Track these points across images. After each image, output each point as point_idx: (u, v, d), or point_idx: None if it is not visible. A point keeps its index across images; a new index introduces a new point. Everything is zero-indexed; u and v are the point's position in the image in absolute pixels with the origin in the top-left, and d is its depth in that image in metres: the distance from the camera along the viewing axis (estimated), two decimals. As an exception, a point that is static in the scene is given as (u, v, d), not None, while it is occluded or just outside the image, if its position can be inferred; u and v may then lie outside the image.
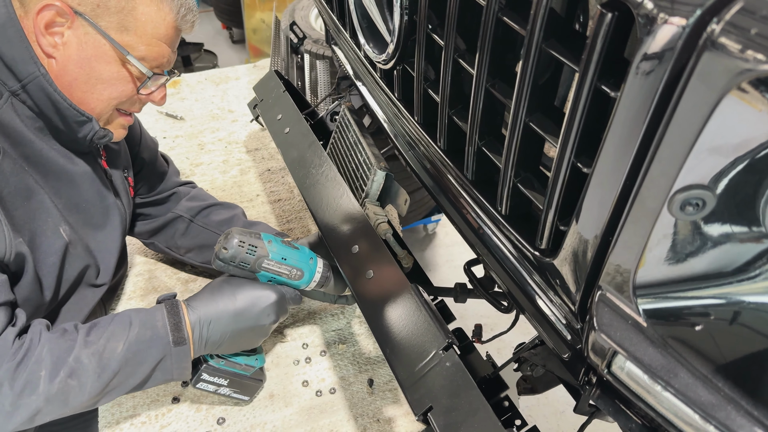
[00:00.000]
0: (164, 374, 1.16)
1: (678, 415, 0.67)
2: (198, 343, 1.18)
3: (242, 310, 1.21)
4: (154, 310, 1.17)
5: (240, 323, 1.21)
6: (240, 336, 1.23)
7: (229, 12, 5.50)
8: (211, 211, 1.60)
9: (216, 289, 1.23)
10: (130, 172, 1.46)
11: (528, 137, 0.83)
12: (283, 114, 1.66)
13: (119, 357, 1.09)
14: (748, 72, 0.47)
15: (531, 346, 1.11)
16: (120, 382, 1.11)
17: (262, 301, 1.23)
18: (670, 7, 0.53)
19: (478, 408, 0.93)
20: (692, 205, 0.57)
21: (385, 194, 1.42)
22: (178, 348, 1.15)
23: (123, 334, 1.11)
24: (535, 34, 0.73)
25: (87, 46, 1.08)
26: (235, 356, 1.31)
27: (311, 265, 1.31)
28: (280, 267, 1.26)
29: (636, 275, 0.67)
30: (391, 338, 1.07)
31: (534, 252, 0.88)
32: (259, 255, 1.22)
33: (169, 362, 1.15)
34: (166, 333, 1.14)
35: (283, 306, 1.27)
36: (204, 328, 1.18)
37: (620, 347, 0.70)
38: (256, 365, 1.34)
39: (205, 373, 1.26)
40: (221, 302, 1.20)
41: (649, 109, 0.58)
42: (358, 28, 1.33)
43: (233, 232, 1.22)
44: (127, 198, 1.41)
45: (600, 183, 0.68)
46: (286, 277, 1.27)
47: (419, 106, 1.15)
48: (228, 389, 1.31)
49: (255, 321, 1.23)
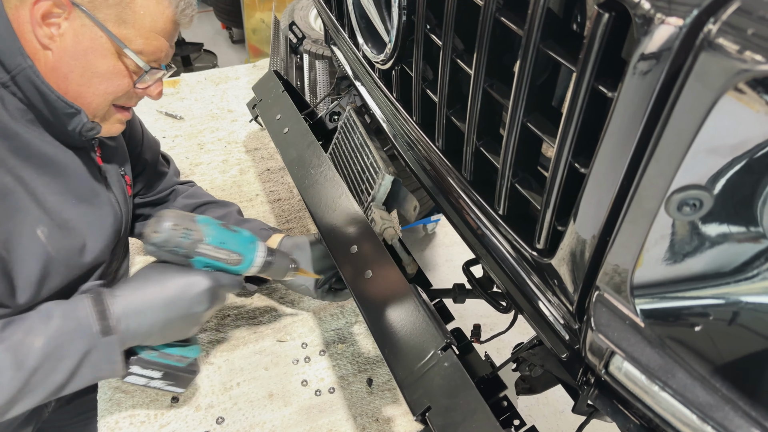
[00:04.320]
0: (92, 370, 1.08)
1: (675, 415, 0.67)
2: (126, 334, 1.10)
3: (172, 298, 1.13)
4: (76, 300, 1.09)
5: (170, 312, 1.14)
6: (171, 325, 1.16)
7: (229, 12, 5.51)
8: (206, 208, 1.58)
9: (144, 277, 1.16)
10: (127, 170, 1.42)
11: (526, 137, 0.83)
12: (282, 114, 1.66)
13: (38, 352, 1.01)
14: (745, 72, 0.47)
15: (529, 346, 1.11)
16: (41, 380, 1.03)
17: (193, 288, 1.15)
18: (666, 7, 0.53)
19: (476, 408, 0.93)
20: (689, 206, 0.57)
21: (392, 199, 1.42)
22: (106, 339, 1.06)
23: (42, 327, 1.03)
24: (532, 35, 0.73)
25: (83, 38, 1.07)
26: (167, 347, 1.23)
27: (251, 249, 1.24)
28: (218, 252, 1.18)
29: (633, 275, 0.66)
30: (389, 338, 1.07)
31: (532, 252, 0.88)
32: (194, 239, 1.15)
33: (96, 355, 1.07)
34: (90, 323, 1.06)
35: (217, 293, 1.20)
36: (131, 318, 1.10)
37: (617, 347, 0.70)
38: (190, 356, 1.27)
39: (135, 366, 1.18)
40: (150, 290, 1.13)
41: (646, 109, 0.58)
42: (357, 29, 1.33)
43: (166, 214, 1.14)
44: (123, 196, 1.36)
45: (597, 183, 0.68)
46: (224, 262, 1.20)
47: (417, 106, 1.15)
48: (161, 382, 1.24)
49: (187, 309, 1.15)
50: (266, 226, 1.57)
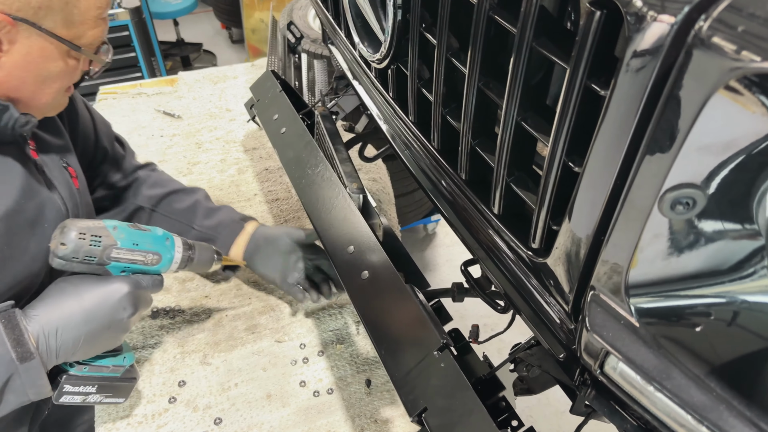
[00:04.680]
0: (17, 396, 1.02)
1: (671, 416, 0.66)
2: (47, 354, 1.03)
3: (92, 309, 1.07)
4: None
5: (92, 324, 1.07)
6: (96, 338, 1.09)
7: (228, 12, 5.51)
8: (172, 198, 1.55)
9: (58, 291, 1.08)
10: (71, 161, 1.31)
11: (520, 136, 0.82)
12: (279, 114, 1.65)
13: None
14: (737, 70, 0.46)
15: (527, 346, 1.11)
16: None
17: (113, 296, 1.09)
18: (658, 4, 0.53)
19: (472, 408, 0.92)
20: (683, 204, 0.57)
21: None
22: (26, 364, 1.00)
23: None
24: (525, 33, 0.72)
25: (32, 49, 1.02)
26: (98, 359, 1.17)
27: (168, 247, 1.20)
28: (133, 254, 1.13)
29: (628, 275, 0.66)
30: (386, 339, 1.07)
31: (527, 252, 0.87)
32: (105, 245, 1.09)
33: (18, 381, 1.00)
34: (6, 350, 0.98)
35: (140, 295, 1.15)
36: (51, 337, 1.03)
37: (612, 347, 0.70)
38: (125, 363, 1.22)
39: (67, 385, 1.11)
40: (66, 305, 1.06)
41: (639, 107, 0.57)
42: (353, 28, 1.33)
43: (69, 224, 1.07)
44: (68, 190, 1.24)
45: (591, 182, 0.68)
46: (141, 264, 1.15)
47: (413, 105, 1.15)
48: (98, 396, 1.18)
49: (110, 318, 1.09)
50: (237, 216, 1.56)
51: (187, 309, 1.60)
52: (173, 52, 5.38)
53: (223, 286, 1.67)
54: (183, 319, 1.57)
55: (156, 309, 1.59)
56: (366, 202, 1.31)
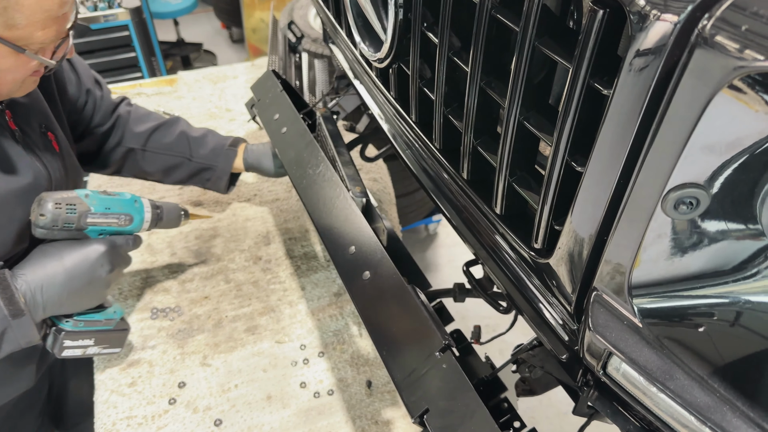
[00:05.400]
0: (12, 345, 1.16)
1: (674, 416, 0.66)
2: (35, 310, 1.16)
3: (72, 268, 1.20)
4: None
5: (74, 281, 1.20)
6: (78, 293, 1.22)
7: (229, 11, 5.51)
8: (158, 134, 1.65)
9: (42, 254, 1.21)
10: (50, 124, 1.36)
11: (522, 136, 0.82)
12: (280, 114, 1.65)
13: None
14: (740, 69, 0.46)
15: (529, 347, 1.10)
16: None
17: (91, 255, 1.22)
18: (661, 3, 0.52)
19: (474, 410, 0.92)
20: (686, 204, 0.56)
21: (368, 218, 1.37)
22: (17, 320, 1.13)
23: None
24: (528, 32, 0.72)
25: None
26: (90, 314, 1.30)
27: (138, 209, 1.32)
28: (107, 218, 1.25)
29: (631, 275, 0.66)
30: (387, 340, 1.06)
31: (530, 252, 0.87)
32: (80, 211, 1.21)
33: (12, 334, 1.14)
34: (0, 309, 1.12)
35: (117, 253, 1.27)
36: (37, 294, 1.16)
37: (615, 348, 0.69)
38: (116, 316, 1.35)
39: (66, 341, 1.25)
40: (49, 265, 1.18)
41: (642, 106, 0.57)
42: (354, 27, 1.32)
43: (44, 196, 1.19)
44: (49, 154, 1.31)
45: (594, 182, 0.68)
46: (116, 225, 1.27)
47: (415, 104, 1.14)
48: (96, 348, 1.31)
49: (89, 275, 1.22)
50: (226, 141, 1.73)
51: (186, 310, 1.60)
52: (173, 52, 5.37)
53: (223, 287, 1.66)
54: (183, 320, 1.57)
55: (155, 310, 1.59)
56: (369, 205, 1.31)
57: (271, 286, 1.68)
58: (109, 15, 3.66)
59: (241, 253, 1.78)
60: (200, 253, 1.77)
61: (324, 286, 1.70)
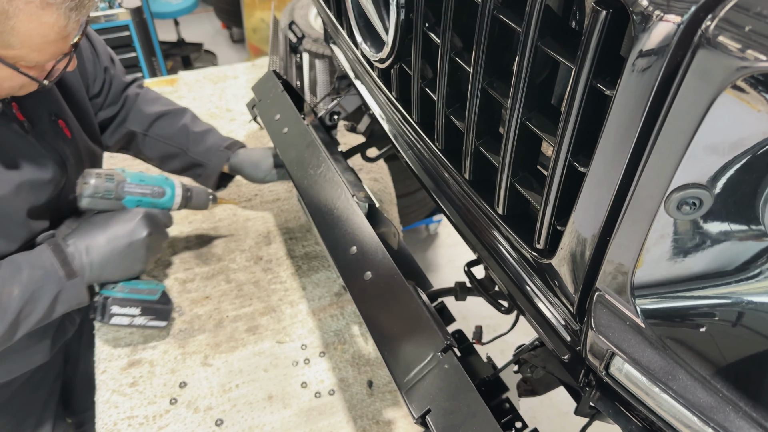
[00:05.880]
0: (64, 306, 1.29)
1: (677, 417, 0.66)
2: (85, 271, 1.30)
3: (114, 231, 1.34)
4: (39, 252, 1.27)
5: (116, 242, 1.34)
6: (120, 255, 1.34)
7: (229, 11, 5.50)
8: (162, 121, 1.71)
9: (87, 223, 1.36)
10: (61, 113, 1.40)
11: (525, 136, 0.82)
12: (281, 114, 1.65)
13: (17, 298, 1.20)
14: (743, 69, 0.46)
15: (531, 347, 1.10)
16: (24, 318, 1.22)
17: (129, 219, 1.37)
18: (665, 4, 0.52)
19: (476, 410, 0.92)
20: (689, 205, 0.56)
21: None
22: (71, 281, 1.27)
23: (16, 277, 1.21)
24: (530, 32, 0.72)
25: None
26: (133, 283, 1.41)
27: (170, 184, 1.50)
28: (142, 188, 1.44)
29: (634, 275, 0.66)
30: (389, 340, 1.06)
31: (532, 252, 0.87)
32: (117, 181, 1.39)
33: (66, 295, 1.27)
34: (56, 270, 1.25)
35: (153, 220, 1.41)
36: (83, 255, 1.29)
37: (618, 348, 0.69)
38: (158, 288, 1.47)
39: (113, 306, 1.36)
40: (94, 230, 1.34)
41: (645, 107, 0.57)
42: (355, 27, 1.32)
43: (87, 171, 1.38)
44: (62, 142, 1.38)
45: (596, 182, 0.68)
46: (150, 197, 1.45)
47: (416, 105, 1.14)
48: (142, 318, 1.41)
49: (129, 237, 1.35)
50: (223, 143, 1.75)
51: (187, 310, 1.60)
52: (174, 52, 5.37)
53: (224, 287, 1.66)
54: (184, 320, 1.57)
55: (157, 309, 1.59)
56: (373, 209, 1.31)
57: (272, 286, 1.68)
58: (110, 15, 3.66)
59: (242, 253, 1.79)
60: (201, 253, 1.77)
61: (325, 286, 1.70)
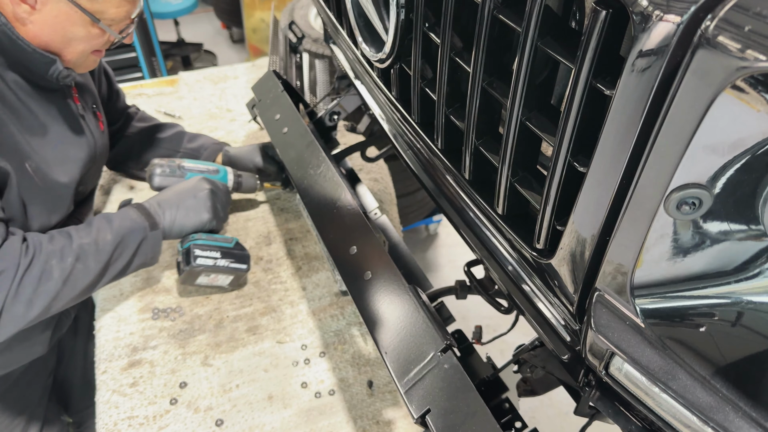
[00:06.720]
0: (142, 257, 1.45)
1: (676, 417, 0.66)
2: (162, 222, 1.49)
3: (181, 189, 1.58)
4: (125, 210, 1.48)
5: (183, 198, 1.55)
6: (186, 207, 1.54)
7: (229, 11, 5.50)
8: (157, 131, 1.89)
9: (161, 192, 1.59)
10: (99, 106, 1.61)
11: (525, 136, 0.82)
12: (281, 114, 1.65)
13: (111, 242, 1.36)
14: (743, 69, 0.46)
15: (531, 347, 1.10)
16: (113, 262, 1.37)
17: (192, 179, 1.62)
18: (664, 4, 0.52)
19: (476, 410, 0.92)
20: (689, 205, 0.56)
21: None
22: (153, 232, 1.45)
23: (108, 227, 1.38)
24: (530, 32, 0.72)
25: (59, 13, 1.21)
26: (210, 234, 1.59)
27: (220, 167, 1.75)
28: (199, 167, 1.72)
29: (633, 275, 0.66)
30: (389, 340, 1.06)
31: (532, 252, 0.87)
32: (177, 163, 1.69)
33: (146, 245, 1.44)
34: (142, 221, 1.44)
35: (213, 183, 1.63)
36: (159, 211, 1.51)
37: (617, 348, 0.69)
38: (232, 239, 1.62)
39: (196, 250, 1.52)
40: (166, 193, 1.57)
41: (645, 107, 0.57)
42: (355, 27, 1.32)
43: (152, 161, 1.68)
44: (97, 131, 1.56)
45: (596, 182, 0.68)
46: (207, 173, 1.71)
47: (416, 105, 1.14)
48: (224, 260, 1.56)
49: (193, 191, 1.57)
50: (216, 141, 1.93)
51: (188, 310, 1.60)
52: (174, 52, 5.36)
53: (225, 287, 1.67)
54: (184, 320, 1.57)
55: (157, 310, 1.59)
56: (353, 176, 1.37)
57: (272, 286, 1.68)
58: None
59: (242, 253, 1.78)
60: (201, 253, 1.77)
61: (325, 286, 1.70)
